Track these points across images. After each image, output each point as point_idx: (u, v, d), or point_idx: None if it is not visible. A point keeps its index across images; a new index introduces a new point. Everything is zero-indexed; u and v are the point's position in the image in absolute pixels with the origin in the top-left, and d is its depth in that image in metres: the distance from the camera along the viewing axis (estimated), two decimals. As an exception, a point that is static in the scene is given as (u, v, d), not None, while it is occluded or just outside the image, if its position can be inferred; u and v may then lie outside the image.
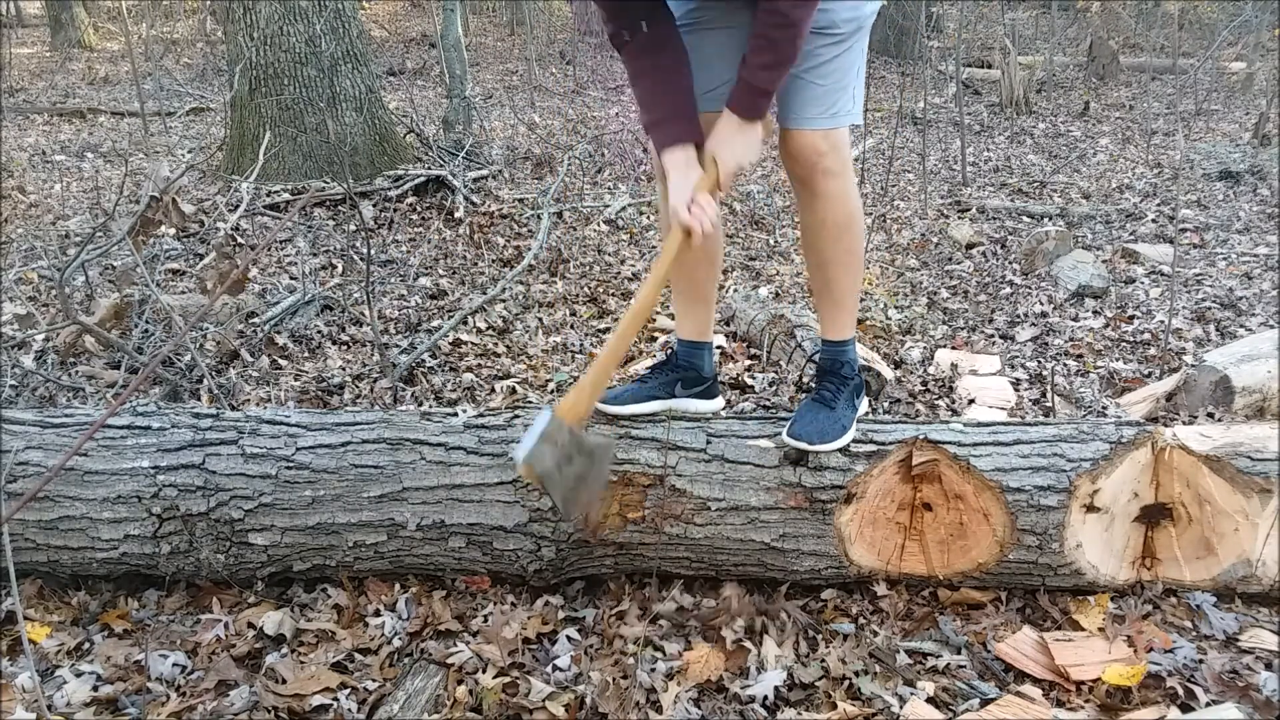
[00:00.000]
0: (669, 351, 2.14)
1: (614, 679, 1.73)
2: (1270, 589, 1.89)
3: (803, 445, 1.86)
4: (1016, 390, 2.98)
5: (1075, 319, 3.62)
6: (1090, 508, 1.86)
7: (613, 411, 1.95)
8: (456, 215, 4.91)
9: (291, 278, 3.93)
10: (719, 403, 2.12)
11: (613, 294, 3.92)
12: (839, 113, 1.80)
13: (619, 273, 4.19)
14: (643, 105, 1.81)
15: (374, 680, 1.75)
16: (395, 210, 4.93)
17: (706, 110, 1.82)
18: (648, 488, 1.89)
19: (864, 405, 2.04)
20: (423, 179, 5.22)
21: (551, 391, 2.95)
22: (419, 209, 5.06)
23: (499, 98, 9.15)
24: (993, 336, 3.48)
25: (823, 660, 1.77)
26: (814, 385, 2.01)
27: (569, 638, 1.85)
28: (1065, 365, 3.17)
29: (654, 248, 4.53)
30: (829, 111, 1.79)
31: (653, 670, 1.76)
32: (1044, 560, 1.88)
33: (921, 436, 1.89)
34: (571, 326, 3.57)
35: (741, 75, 1.69)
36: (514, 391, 2.94)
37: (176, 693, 1.72)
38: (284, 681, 1.73)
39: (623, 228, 4.92)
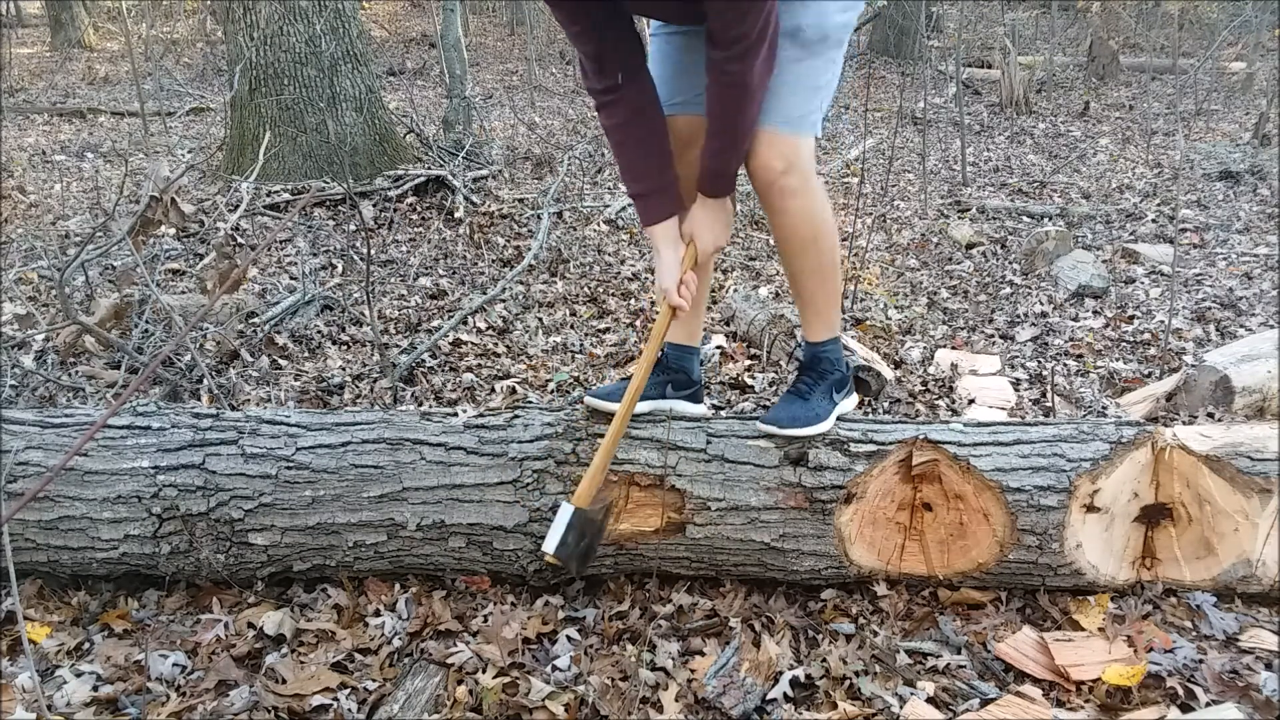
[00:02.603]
0: (661, 353, 2.13)
1: (614, 679, 1.73)
2: (1270, 589, 1.90)
3: (771, 429, 1.89)
4: (1016, 390, 2.98)
5: (1075, 319, 3.62)
6: (1090, 508, 1.86)
7: (606, 408, 1.95)
8: (456, 215, 4.91)
9: (291, 278, 3.93)
10: (704, 409, 2.13)
11: (613, 294, 3.92)
12: (803, 120, 1.76)
13: (619, 273, 4.19)
14: (628, 175, 1.87)
15: (374, 680, 1.75)
16: (395, 210, 4.93)
17: (677, 114, 1.86)
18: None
19: (851, 401, 2.05)
20: (423, 179, 5.22)
21: (551, 391, 2.95)
22: (419, 209, 5.06)
23: (499, 98, 9.15)
24: (993, 336, 3.49)
25: (823, 660, 1.77)
26: (793, 380, 2.03)
27: (569, 638, 1.85)
28: (1065, 365, 3.18)
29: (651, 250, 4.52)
30: (788, 117, 1.74)
31: (654, 669, 1.76)
32: (1044, 560, 1.88)
33: (921, 436, 1.89)
34: (571, 326, 3.57)
35: (701, 158, 1.76)
36: (514, 391, 2.94)
37: (176, 693, 1.72)
38: (284, 681, 1.73)
39: (623, 228, 4.92)
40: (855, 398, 2.08)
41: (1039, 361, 3.23)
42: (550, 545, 1.75)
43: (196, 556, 1.93)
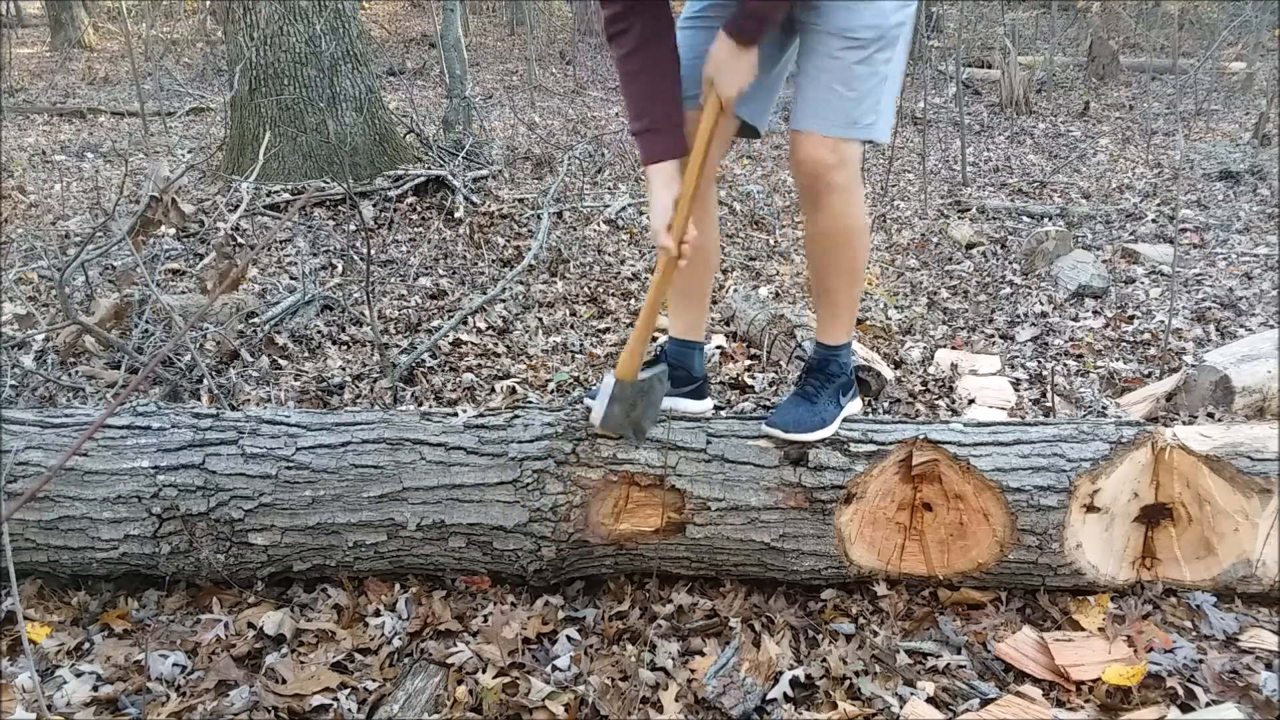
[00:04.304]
0: (659, 351, 2.13)
1: (614, 679, 1.73)
2: (1270, 589, 1.90)
3: (777, 433, 1.88)
4: (1016, 390, 2.98)
5: (1075, 319, 3.62)
6: (1090, 508, 1.86)
7: None
8: (456, 215, 4.91)
9: (291, 278, 3.93)
10: (709, 404, 2.11)
11: (613, 294, 3.92)
12: (856, 123, 1.75)
13: (619, 273, 4.19)
14: (633, 110, 1.82)
15: (374, 680, 1.75)
16: (395, 210, 4.93)
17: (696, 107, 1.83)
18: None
19: (855, 405, 2.04)
20: (423, 179, 5.22)
21: (551, 391, 2.95)
22: (419, 209, 5.06)
23: (499, 98, 9.15)
24: (993, 336, 3.49)
25: (823, 660, 1.77)
26: (799, 381, 2.02)
27: (569, 638, 1.85)
28: (1065, 365, 3.17)
29: (654, 248, 4.53)
30: (844, 120, 1.74)
31: (654, 669, 1.76)
32: (1044, 560, 1.88)
33: (921, 436, 1.89)
34: (571, 326, 3.57)
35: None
36: (514, 391, 2.94)
37: (176, 693, 1.72)
38: (284, 681, 1.73)
39: (623, 228, 4.92)
40: (860, 402, 2.07)
41: (1039, 361, 3.23)
42: (596, 418, 1.83)
43: (196, 556, 1.93)
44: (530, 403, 2.45)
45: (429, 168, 5.41)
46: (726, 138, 1.96)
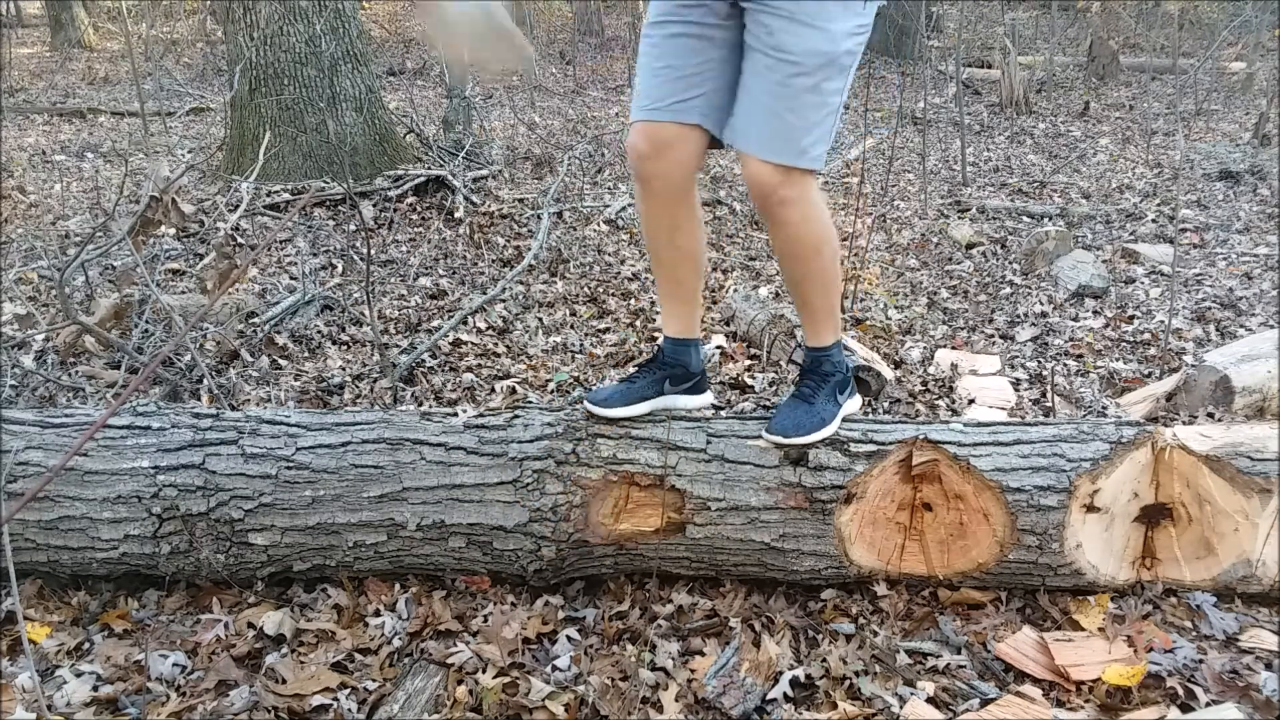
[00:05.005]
0: (656, 350, 2.12)
1: (614, 679, 1.73)
2: (1270, 589, 1.90)
3: (778, 439, 1.88)
4: (1016, 390, 2.98)
5: (1075, 319, 3.62)
6: (1090, 508, 1.86)
7: (604, 414, 1.94)
8: (456, 215, 4.91)
9: (291, 278, 3.93)
10: (709, 397, 2.10)
11: (613, 294, 3.92)
12: (805, 152, 1.72)
13: (619, 273, 4.19)
14: None
15: (374, 680, 1.75)
16: (395, 210, 4.93)
17: (665, 119, 1.78)
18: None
19: (855, 402, 2.04)
20: (423, 179, 5.22)
21: (551, 391, 2.95)
22: (419, 209, 5.06)
23: (499, 98, 9.15)
24: (993, 336, 3.49)
25: (823, 660, 1.77)
26: (795, 384, 2.02)
27: (569, 638, 1.85)
28: (1065, 365, 3.18)
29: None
30: (790, 148, 1.71)
31: (654, 669, 1.76)
32: (1044, 560, 1.88)
33: (921, 436, 1.89)
34: (571, 326, 3.57)
35: None
36: (514, 391, 2.94)
37: (176, 693, 1.72)
38: (284, 681, 1.73)
39: (623, 228, 4.92)
40: (859, 399, 2.07)
41: (1039, 361, 3.23)
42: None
43: (196, 556, 1.93)
44: (530, 403, 2.45)
45: (429, 168, 5.41)
46: (699, 154, 1.88)
